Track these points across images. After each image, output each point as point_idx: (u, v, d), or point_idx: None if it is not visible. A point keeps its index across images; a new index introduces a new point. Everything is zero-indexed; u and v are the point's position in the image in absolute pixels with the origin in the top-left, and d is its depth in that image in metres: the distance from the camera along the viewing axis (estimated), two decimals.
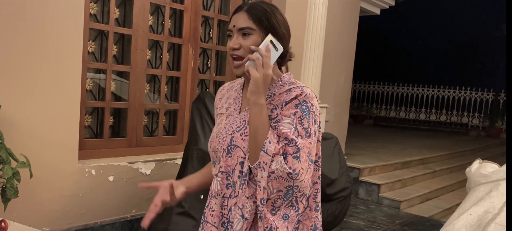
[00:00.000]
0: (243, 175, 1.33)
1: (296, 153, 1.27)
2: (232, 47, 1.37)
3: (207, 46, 3.98)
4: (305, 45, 4.49)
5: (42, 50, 2.68)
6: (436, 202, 5.86)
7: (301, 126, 1.31)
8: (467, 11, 13.29)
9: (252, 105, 1.31)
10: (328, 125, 5.40)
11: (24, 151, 2.38)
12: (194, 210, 2.80)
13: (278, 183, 1.28)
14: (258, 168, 1.28)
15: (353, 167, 5.67)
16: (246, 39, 1.36)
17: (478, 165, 2.23)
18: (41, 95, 2.72)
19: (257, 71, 1.29)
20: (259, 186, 1.29)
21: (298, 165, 1.27)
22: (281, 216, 1.33)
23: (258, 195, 1.29)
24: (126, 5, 3.40)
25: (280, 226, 1.32)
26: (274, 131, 1.31)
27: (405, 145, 8.44)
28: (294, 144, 1.28)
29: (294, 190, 1.30)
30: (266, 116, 1.31)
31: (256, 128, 1.30)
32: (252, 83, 1.29)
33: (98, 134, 3.37)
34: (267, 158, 1.26)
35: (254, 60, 1.29)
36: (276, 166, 1.26)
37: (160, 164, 3.45)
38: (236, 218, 1.34)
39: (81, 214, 3.04)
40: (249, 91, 1.31)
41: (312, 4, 4.50)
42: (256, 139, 1.29)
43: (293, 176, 1.26)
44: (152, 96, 3.72)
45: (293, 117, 1.31)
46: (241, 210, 1.33)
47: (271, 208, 1.32)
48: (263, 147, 1.27)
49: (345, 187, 3.62)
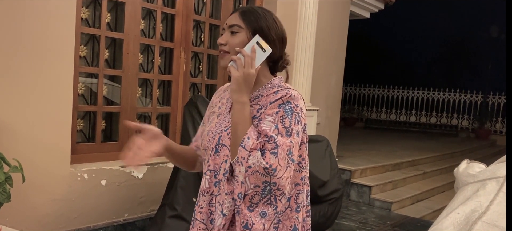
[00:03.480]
0: (225, 171, 1.36)
1: (274, 149, 1.29)
2: (220, 42, 1.44)
3: (198, 50, 4.00)
4: (295, 49, 4.53)
5: (34, 55, 2.69)
6: (426, 203, 5.92)
7: (282, 125, 1.34)
8: (456, 14, 13.45)
9: (234, 103, 1.35)
10: (320, 127, 5.44)
11: (17, 155, 2.38)
12: (187, 213, 2.82)
13: (255, 178, 1.30)
14: (237, 163, 1.31)
15: (344, 169, 5.71)
16: (234, 37, 1.42)
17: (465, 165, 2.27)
18: (33, 100, 2.72)
19: (237, 71, 1.34)
20: (237, 180, 1.31)
21: (275, 161, 1.29)
22: (258, 213, 1.34)
23: (236, 190, 1.32)
24: (117, 9, 3.42)
25: (257, 223, 1.32)
26: (255, 129, 1.34)
27: (396, 146, 8.51)
28: (272, 141, 1.30)
29: (272, 186, 1.31)
30: (248, 114, 1.35)
31: (236, 124, 1.33)
32: (233, 82, 1.35)
33: (90, 138, 3.38)
34: (245, 153, 1.29)
35: (235, 60, 1.35)
36: (253, 160, 1.28)
37: (152, 168, 3.46)
38: (217, 214, 1.37)
39: (74, 218, 3.04)
40: (230, 90, 1.37)
41: (303, 8, 4.55)
42: (236, 135, 1.32)
43: (270, 171, 1.28)
44: (144, 100, 3.73)
45: (275, 116, 1.35)
46: (221, 206, 1.36)
47: (249, 204, 1.33)
48: (242, 142, 1.30)
49: (336, 188, 3.66)
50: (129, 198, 3.34)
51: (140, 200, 3.41)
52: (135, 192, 3.37)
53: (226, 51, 1.43)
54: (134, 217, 3.39)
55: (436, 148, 8.93)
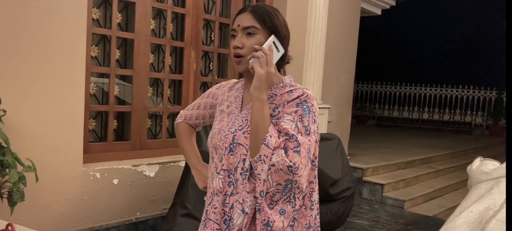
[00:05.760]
0: (245, 170, 1.37)
1: (297, 148, 1.31)
2: (236, 45, 1.41)
3: (208, 49, 4.01)
4: (306, 46, 4.51)
5: (46, 55, 2.72)
6: (439, 201, 5.86)
7: (302, 124, 1.35)
8: (469, 9, 13.27)
9: (254, 100, 1.34)
10: (331, 125, 5.42)
11: (30, 155, 2.41)
12: (198, 212, 2.82)
13: (278, 176, 1.31)
14: (259, 161, 1.31)
15: (356, 167, 5.68)
16: (250, 38, 1.41)
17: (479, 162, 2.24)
18: (46, 100, 2.75)
19: (261, 68, 1.33)
20: (259, 179, 1.32)
21: (298, 159, 1.30)
22: (278, 211, 1.36)
23: (258, 188, 1.33)
24: (128, 9, 3.44)
25: (277, 220, 1.35)
26: (275, 127, 1.35)
27: (408, 144, 8.44)
28: (294, 139, 1.31)
29: (293, 184, 1.33)
30: (267, 112, 1.35)
31: (257, 122, 1.33)
32: (256, 79, 1.34)
33: (102, 138, 3.40)
34: (268, 151, 1.29)
35: (259, 57, 1.34)
36: (277, 158, 1.29)
37: (163, 167, 3.48)
38: (236, 213, 1.37)
39: (86, 217, 3.07)
40: (252, 86, 1.34)
41: (313, 6, 4.53)
42: (257, 133, 1.32)
43: (293, 169, 1.30)
44: (155, 99, 3.74)
45: (294, 115, 1.36)
46: (242, 204, 1.37)
47: (269, 202, 1.36)
48: (264, 140, 1.30)
49: (348, 187, 3.64)
50: (141, 197, 3.36)
51: (152, 199, 3.43)
52: (146, 191, 3.39)
53: (241, 55, 1.41)
54: (146, 216, 3.41)
55: (449, 145, 8.84)
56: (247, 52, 1.40)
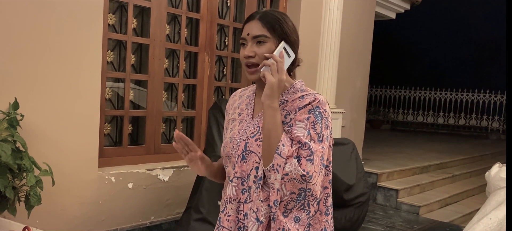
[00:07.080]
0: (258, 179, 1.36)
1: (310, 156, 1.30)
2: (247, 55, 1.40)
3: (222, 54, 4.02)
4: (320, 51, 4.49)
5: (63, 61, 2.75)
6: (455, 207, 5.78)
7: (314, 131, 1.33)
8: (484, 13, 13.11)
9: (266, 109, 1.33)
10: (345, 130, 5.39)
11: (46, 159, 2.44)
12: (212, 216, 2.82)
13: (292, 185, 1.31)
14: (272, 170, 1.30)
15: (370, 172, 5.63)
16: (261, 46, 1.39)
17: (497, 168, 2.20)
18: (62, 105, 2.78)
19: (272, 76, 1.32)
20: (272, 188, 1.32)
21: (312, 167, 1.29)
22: (292, 219, 1.36)
23: (272, 197, 1.32)
24: (143, 15, 3.47)
25: (292, 228, 1.35)
26: (287, 135, 1.34)
27: (423, 149, 8.34)
28: (307, 148, 1.30)
29: (307, 193, 1.33)
30: (279, 119, 1.34)
31: (269, 130, 1.32)
32: (267, 87, 1.33)
33: (117, 142, 3.43)
34: (281, 160, 1.29)
35: (270, 65, 1.33)
36: (290, 168, 1.28)
37: (178, 171, 3.49)
38: (251, 222, 1.36)
39: (101, 220, 3.09)
40: (264, 95, 1.33)
41: (327, 10, 4.51)
42: (270, 141, 1.31)
43: (307, 178, 1.29)
44: (170, 104, 3.76)
45: (306, 122, 1.34)
46: (256, 213, 1.36)
47: (284, 210, 1.36)
48: (277, 149, 1.29)
49: (363, 192, 3.60)
50: (155, 201, 3.38)
51: (166, 203, 3.44)
52: (161, 195, 3.40)
53: (254, 64, 1.40)
54: (160, 220, 3.42)
55: (465, 150, 8.71)
56: (260, 60, 1.39)
